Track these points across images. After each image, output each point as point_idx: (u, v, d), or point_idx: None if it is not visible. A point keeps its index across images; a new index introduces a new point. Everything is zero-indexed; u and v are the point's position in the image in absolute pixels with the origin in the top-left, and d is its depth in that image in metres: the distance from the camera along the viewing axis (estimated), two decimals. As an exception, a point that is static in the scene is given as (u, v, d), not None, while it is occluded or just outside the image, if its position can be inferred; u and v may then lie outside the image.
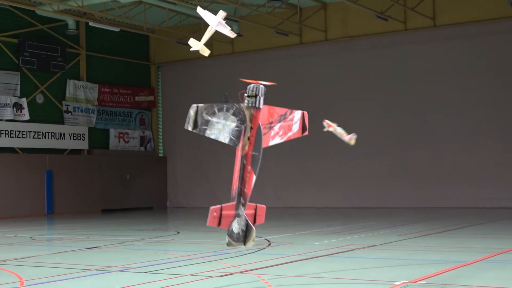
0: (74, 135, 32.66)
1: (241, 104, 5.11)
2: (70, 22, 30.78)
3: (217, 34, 27.67)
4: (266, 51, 33.37)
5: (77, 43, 33.10)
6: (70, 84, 32.77)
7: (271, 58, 33.82)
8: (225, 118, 5.12)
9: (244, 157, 5.00)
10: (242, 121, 5.08)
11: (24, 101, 30.29)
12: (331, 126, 8.92)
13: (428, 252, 13.89)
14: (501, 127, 28.32)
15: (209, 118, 5.17)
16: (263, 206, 5.05)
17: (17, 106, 30.06)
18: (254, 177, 5.10)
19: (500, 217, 23.43)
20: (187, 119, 5.18)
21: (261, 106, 5.14)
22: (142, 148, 36.52)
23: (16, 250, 16.05)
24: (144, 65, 36.86)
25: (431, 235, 17.42)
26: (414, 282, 9.68)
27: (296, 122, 5.08)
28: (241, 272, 11.42)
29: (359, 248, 14.65)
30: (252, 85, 5.16)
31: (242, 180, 4.97)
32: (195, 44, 7.11)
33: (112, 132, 35.00)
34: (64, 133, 32.19)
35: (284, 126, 5.08)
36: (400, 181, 29.97)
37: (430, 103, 29.60)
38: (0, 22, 29.75)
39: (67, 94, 32.64)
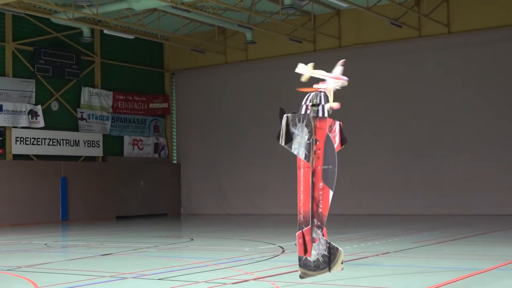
0: (89, 142, 32.75)
1: (309, 114, 4.78)
2: (85, 30, 30.89)
3: (232, 40, 27.39)
4: (280, 58, 33.29)
5: (92, 50, 33.22)
6: (85, 91, 32.89)
7: (285, 66, 33.56)
8: (301, 130, 4.80)
9: (313, 174, 4.64)
10: (310, 133, 4.76)
11: (39, 108, 30.40)
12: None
13: (442, 259, 13.80)
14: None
15: (294, 130, 4.84)
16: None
17: (32, 113, 30.18)
18: (331, 193, 4.74)
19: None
20: (281, 130, 4.82)
21: (325, 115, 4.79)
22: (156, 155, 36.56)
23: (30, 257, 16.06)
24: (158, 72, 36.92)
25: (446, 242, 17.31)
26: (429, 290, 9.62)
27: (337, 134, 4.80)
28: (255, 279, 11.38)
29: (372, 256, 14.58)
30: (313, 93, 4.84)
31: (314, 199, 4.63)
32: (303, 70, 6.71)
33: (127, 139, 35.06)
34: (78, 140, 32.29)
35: (332, 138, 4.83)
36: (416, 188, 29.83)
37: (444, 110, 29.46)
38: (15, 30, 29.93)
39: (82, 102, 32.74)
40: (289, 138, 4.73)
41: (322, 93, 4.77)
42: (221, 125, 35.66)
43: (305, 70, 6.26)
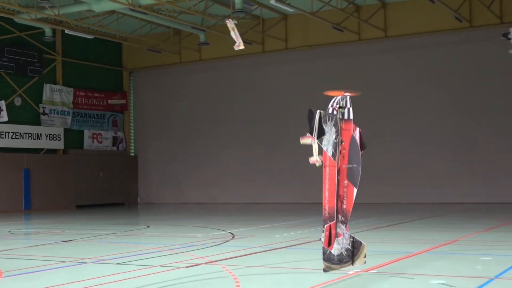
0: (50, 135, 32.42)
1: (337, 115, 4.78)
2: (47, 29, 30.52)
3: (187, 41, 27.31)
4: (231, 59, 33.31)
5: (54, 49, 32.83)
6: (47, 88, 32.52)
7: (236, 65, 33.87)
8: (331, 129, 4.80)
9: (338, 172, 4.66)
10: (337, 133, 4.78)
11: (2, 104, 29.90)
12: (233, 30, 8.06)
13: (379, 243, 13.98)
14: (450, 132, 28.79)
15: (324, 127, 4.84)
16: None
17: (-4, 109, 29.74)
18: (355, 190, 4.75)
19: (449, 211, 23.75)
20: (314, 152, 4.78)
21: (350, 117, 4.80)
22: (115, 148, 36.36)
23: (-5, 243, 15.91)
24: (117, 70, 36.68)
25: (382, 228, 17.62)
26: (366, 271, 9.79)
27: (357, 138, 4.85)
28: (206, 263, 11.45)
29: (314, 240, 14.77)
30: (339, 97, 4.84)
31: (338, 196, 4.64)
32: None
33: (86, 133, 34.79)
34: (40, 134, 31.94)
35: None
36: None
37: (380, 107, 29.87)
38: (-20, 29, 29.47)
39: (44, 97, 32.37)
40: (322, 132, 4.78)
41: (348, 97, 4.82)
42: (176, 120, 35.64)
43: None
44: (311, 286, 9.04)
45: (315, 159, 6.57)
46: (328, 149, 4.72)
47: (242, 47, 9.43)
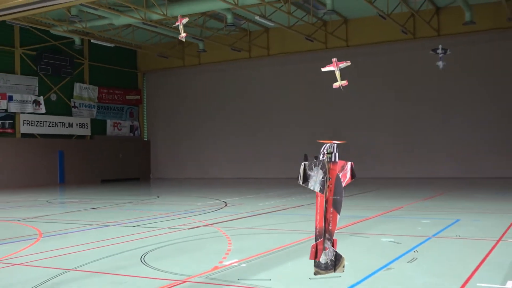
0: (80, 124, 32.28)
1: (324, 160, 4.89)
2: (76, 39, 30.25)
3: (189, 49, 27.04)
4: (224, 63, 33.30)
5: (82, 55, 32.57)
6: (77, 86, 32.30)
7: (228, 68, 33.80)
8: (317, 172, 4.93)
9: (326, 201, 4.85)
10: (325, 173, 4.92)
11: (41, 99, 29.86)
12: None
13: (344, 209, 14.04)
14: (394, 120, 28.93)
15: (310, 173, 4.97)
16: (335, 239, 4.96)
17: (36, 103, 29.60)
18: (338, 216, 4.94)
19: (395, 184, 23.90)
20: (299, 176, 4.97)
21: (337, 160, 4.94)
22: (131, 134, 36.21)
23: (36, 210, 15.86)
24: (132, 72, 36.44)
25: (345, 198, 17.65)
26: (330, 231, 9.85)
27: (348, 171, 4.94)
28: (204, 225, 11.50)
29: (290, 208, 14.84)
30: (328, 144, 4.91)
31: (326, 220, 4.81)
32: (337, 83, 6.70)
33: (109, 122, 34.60)
34: (72, 123, 31.79)
35: (342, 176, 4.96)
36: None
37: (344, 103, 29.94)
38: (23, 39, 29.13)
39: (74, 94, 32.16)
40: (306, 179, 4.95)
41: (335, 144, 4.91)
42: (180, 112, 35.57)
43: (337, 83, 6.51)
44: (287, 244, 9.10)
45: (338, 84, 6.63)
46: (316, 187, 4.89)
47: (183, 35, 9.42)
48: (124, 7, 24.75)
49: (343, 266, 4.79)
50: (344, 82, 6.76)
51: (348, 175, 4.93)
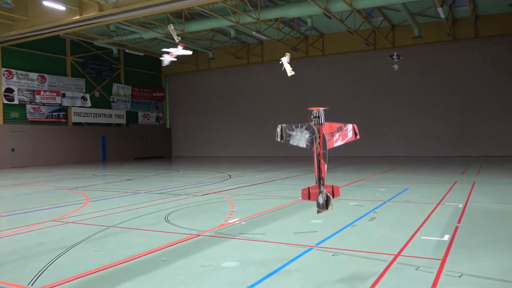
0: (117, 115, 32.09)
1: (310, 123, 4.77)
2: (114, 49, 29.98)
3: (201, 57, 26.90)
4: (229, 68, 33.09)
5: (119, 61, 32.28)
6: (115, 86, 32.04)
7: (232, 72, 33.59)
8: (301, 132, 4.81)
9: (318, 155, 4.73)
10: (313, 133, 4.79)
11: (87, 95, 29.64)
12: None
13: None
14: (359, 111, 28.89)
15: (290, 132, 4.84)
16: (338, 186, 4.85)
17: (83, 98, 29.38)
18: (325, 165, 4.85)
19: (358, 162, 23.91)
20: (276, 134, 4.83)
21: (322, 122, 4.82)
22: (157, 123, 36.03)
23: (84, 181, 15.86)
24: (157, 75, 36.15)
25: (328, 170, 17.58)
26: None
27: (350, 131, 4.80)
28: (214, 192, 11.52)
29: (279, 179, 14.86)
30: (315, 110, 4.80)
31: (320, 169, 4.72)
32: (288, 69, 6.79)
33: (140, 114, 34.39)
34: (111, 114, 31.59)
35: (342, 134, 4.79)
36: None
37: (322, 99, 29.85)
38: (72, 49, 28.80)
39: (113, 91, 31.90)
40: (282, 137, 4.86)
41: (321, 110, 4.81)
42: (194, 106, 35.39)
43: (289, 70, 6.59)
44: (277, 206, 9.12)
45: (289, 72, 6.77)
46: (301, 143, 4.79)
47: (177, 40, 9.40)
48: (151, 24, 24.54)
49: (332, 205, 4.73)
50: (290, 71, 6.83)
51: (350, 134, 4.79)
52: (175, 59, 9.13)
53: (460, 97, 26.48)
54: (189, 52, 9.05)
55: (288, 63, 7.33)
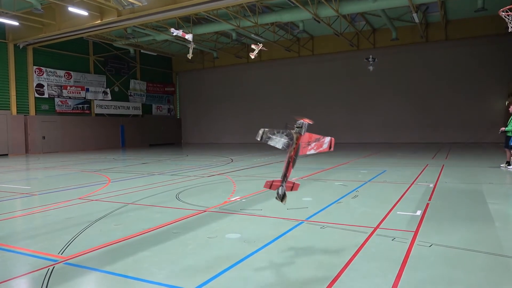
0: (134, 107, 31.95)
1: (292, 131, 4.74)
2: (131, 50, 29.77)
3: (207, 56, 26.57)
4: (231, 66, 32.86)
5: (135, 60, 32.03)
6: (132, 82, 31.83)
7: (233, 70, 33.38)
8: (280, 136, 4.79)
9: (289, 158, 4.74)
10: (291, 139, 4.76)
11: (108, 90, 29.49)
12: None
13: (310, 163, 13.98)
14: (342, 103, 28.76)
15: (271, 135, 4.84)
16: (298, 183, 4.83)
17: (105, 93, 29.23)
18: (292, 168, 4.83)
19: (341, 148, 23.88)
20: (258, 135, 4.83)
21: (303, 133, 4.78)
22: (169, 114, 35.90)
23: (105, 164, 15.84)
24: (169, 72, 35.91)
25: (312, 156, 17.66)
26: (301, 178, 9.90)
27: (326, 143, 4.72)
28: (218, 174, 11.51)
29: (276, 162, 14.87)
30: (300, 121, 4.73)
31: (287, 169, 4.72)
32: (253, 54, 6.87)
33: (154, 106, 34.25)
34: (129, 106, 31.46)
35: (317, 144, 4.72)
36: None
37: (308, 98, 29.74)
38: (95, 50, 28.53)
39: (130, 87, 31.73)
40: (262, 138, 4.86)
41: (305, 123, 4.76)
42: (201, 99, 35.24)
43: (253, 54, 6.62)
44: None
45: (254, 54, 6.77)
46: (278, 145, 4.77)
47: (189, 36, 9.59)
48: (163, 28, 24.30)
49: (285, 201, 4.71)
50: (254, 55, 6.90)
51: (325, 146, 4.74)
52: (182, 37, 9.52)
53: (431, 91, 26.41)
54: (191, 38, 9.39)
55: (257, 52, 7.50)
